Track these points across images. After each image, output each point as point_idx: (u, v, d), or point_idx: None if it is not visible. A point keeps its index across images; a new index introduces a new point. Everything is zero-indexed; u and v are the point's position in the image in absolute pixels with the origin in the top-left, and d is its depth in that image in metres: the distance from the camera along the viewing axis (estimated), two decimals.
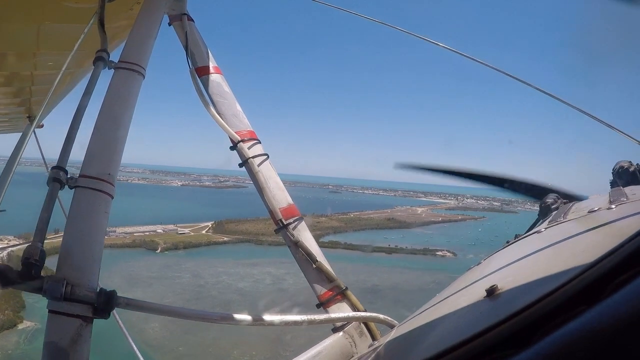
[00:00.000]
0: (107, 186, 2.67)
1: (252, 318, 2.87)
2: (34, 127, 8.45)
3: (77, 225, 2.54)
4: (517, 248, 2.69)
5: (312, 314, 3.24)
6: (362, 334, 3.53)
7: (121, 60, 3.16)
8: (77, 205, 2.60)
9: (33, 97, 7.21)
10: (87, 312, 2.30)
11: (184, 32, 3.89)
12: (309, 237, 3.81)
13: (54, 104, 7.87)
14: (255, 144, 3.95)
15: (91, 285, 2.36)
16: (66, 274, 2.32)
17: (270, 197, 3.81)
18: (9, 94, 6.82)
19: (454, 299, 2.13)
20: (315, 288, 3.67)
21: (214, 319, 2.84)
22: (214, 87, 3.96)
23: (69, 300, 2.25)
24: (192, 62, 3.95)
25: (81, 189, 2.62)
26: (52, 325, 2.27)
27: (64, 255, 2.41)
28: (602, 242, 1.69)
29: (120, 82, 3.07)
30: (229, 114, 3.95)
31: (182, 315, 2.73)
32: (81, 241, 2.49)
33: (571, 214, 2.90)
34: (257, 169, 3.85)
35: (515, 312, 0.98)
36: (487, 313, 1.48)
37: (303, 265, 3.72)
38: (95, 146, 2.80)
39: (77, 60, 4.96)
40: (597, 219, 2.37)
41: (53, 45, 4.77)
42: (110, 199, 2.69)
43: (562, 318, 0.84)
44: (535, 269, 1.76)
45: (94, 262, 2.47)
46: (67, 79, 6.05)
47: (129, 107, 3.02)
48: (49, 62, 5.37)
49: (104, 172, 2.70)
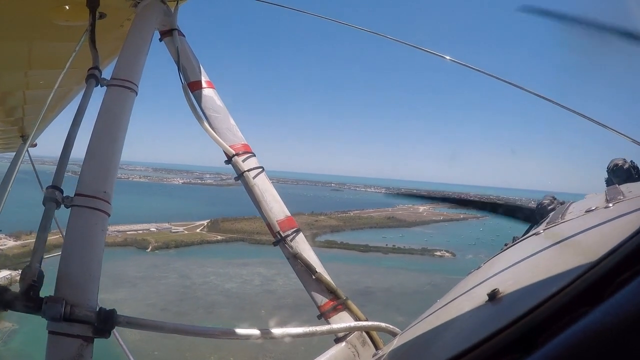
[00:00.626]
0: (103, 204, 2.66)
1: (254, 333, 2.86)
2: (28, 146, 8.41)
3: (75, 244, 2.53)
4: (516, 250, 2.69)
5: (314, 326, 3.22)
6: (365, 343, 3.51)
7: (113, 77, 3.17)
8: (74, 225, 2.59)
9: (26, 116, 7.18)
10: (87, 332, 2.29)
11: (175, 47, 3.89)
12: (308, 248, 3.80)
13: (47, 123, 7.84)
14: (250, 157, 3.95)
15: (90, 305, 2.35)
16: (65, 294, 2.30)
17: (267, 210, 3.81)
18: (2, 113, 6.79)
19: (455, 305, 2.12)
20: (315, 299, 3.65)
21: (215, 334, 2.82)
22: (207, 102, 3.96)
23: (69, 320, 2.23)
24: (185, 77, 3.96)
25: (77, 208, 2.61)
26: (52, 346, 2.25)
27: (63, 275, 2.39)
28: (601, 241, 1.69)
29: (112, 99, 3.07)
30: (222, 127, 3.94)
31: (184, 332, 2.71)
32: (79, 261, 2.47)
33: (569, 214, 2.90)
34: (252, 182, 3.84)
35: (519, 316, 0.97)
36: (490, 318, 1.47)
37: (302, 277, 3.70)
38: (90, 164, 2.80)
39: (70, 78, 4.95)
40: (595, 218, 2.37)
41: (45, 63, 4.76)
42: (107, 216, 2.69)
43: (566, 320, 0.84)
44: (535, 271, 1.75)
45: (93, 281, 2.45)
46: (60, 97, 6.04)
47: (122, 124, 3.02)
48: (41, 81, 5.36)
49: (100, 190, 2.69)
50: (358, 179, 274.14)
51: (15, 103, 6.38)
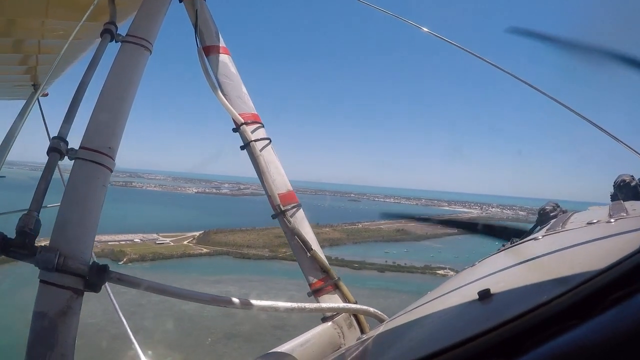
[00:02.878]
0: (107, 159, 2.66)
1: (243, 302, 2.89)
2: (38, 94, 8.40)
3: (74, 196, 2.53)
4: (512, 253, 2.69)
5: (303, 302, 3.26)
6: (351, 326, 3.55)
7: (129, 34, 3.13)
8: (76, 177, 2.59)
9: (39, 64, 7.16)
10: (78, 285, 2.31)
11: (195, 10, 3.85)
12: (306, 225, 3.84)
13: (60, 73, 7.82)
14: (259, 128, 3.94)
15: (84, 258, 2.36)
16: (60, 245, 2.31)
17: (270, 182, 3.81)
18: (15, 60, 6.78)
19: (445, 299, 2.13)
20: (307, 276, 3.69)
21: (205, 299, 2.84)
22: (220, 67, 3.93)
23: (61, 271, 2.25)
24: (201, 41, 3.92)
25: (80, 161, 2.60)
26: (42, 295, 2.27)
27: (59, 227, 2.41)
28: (599, 256, 1.69)
29: (126, 56, 3.04)
30: (233, 95, 3.93)
31: (173, 294, 2.75)
32: (77, 214, 2.48)
33: (570, 223, 2.90)
34: (258, 153, 3.84)
35: (509, 319, 0.97)
36: (478, 317, 1.48)
37: (298, 253, 3.74)
38: (98, 119, 2.78)
39: (85, 30, 4.91)
40: (595, 231, 2.37)
41: (62, 14, 4.72)
42: (110, 172, 2.68)
43: (554, 330, 0.84)
44: (529, 277, 1.75)
45: (89, 235, 2.47)
46: (74, 49, 6.00)
47: (133, 81, 2.99)
48: (57, 31, 5.33)
49: (105, 146, 2.68)
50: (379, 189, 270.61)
51: (30, 51, 6.35)
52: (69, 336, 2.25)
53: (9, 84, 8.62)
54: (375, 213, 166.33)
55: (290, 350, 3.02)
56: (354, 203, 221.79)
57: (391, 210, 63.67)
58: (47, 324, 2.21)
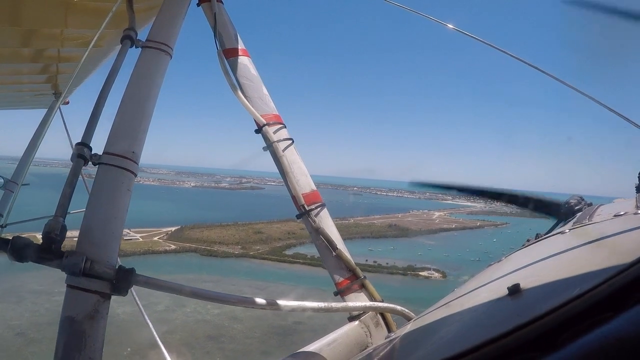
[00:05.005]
0: (130, 164, 2.69)
1: (271, 302, 2.89)
2: (60, 103, 8.56)
3: (99, 202, 2.56)
4: (539, 247, 2.65)
5: (330, 302, 3.25)
6: (378, 325, 3.55)
7: (149, 39, 3.16)
8: (100, 182, 2.62)
9: (60, 73, 7.29)
10: (105, 289, 2.33)
11: (213, 13, 3.88)
12: (331, 224, 3.85)
13: (80, 81, 7.96)
14: (281, 129, 3.95)
15: (110, 262, 2.39)
16: (86, 250, 2.34)
17: (293, 182, 3.82)
18: (37, 69, 6.92)
19: (473, 296, 2.10)
20: (333, 275, 3.70)
21: (232, 301, 2.85)
22: (241, 70, 3.96)
23: (88, 275, 2.27)
24: (220, 44, 3.95)
25: (105, 166, 2.63)
26: (70, 300, 2.30)
27: (85, 232, 2.44)
28: (630, 247, 1.66)
29: (147, 61, 3.07)
30: (255, 96, 3.95)
31: (201, 297, 2.75)
32: (102, 218, 2.51)
33: (596, 216, 2.85)
34: (281, 154, 3.85)
35: (541, 314, 0.95)
36: (509, 312, 1.45)
37: (323, 252, 3.76)
38: (120, 124, 2.82)
39: (105, 38, 4.99)
40: (624, 223, 2.33)
41: (81, 22, 4.80)
42: (134, 176, 2.71)
43: (588, 323, 0.82)
44: (559, 270, 1.72)
45: (114, 239, 2.49)
46: (94, 56, 6.10)
47: (155, 86, 3.02)
48: (77, 39, 5.42)
49: (128, 150, 2.71)
50: (383, 182, 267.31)
51: (50, 60, 6.48)
52: (97, 340, 2.27)
53: (31, 93, 8.80)
54: (372, 207, 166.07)
55: (318, 350, 3.03)
56: (355, 197, 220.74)
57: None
58: (75, 328, 2.23)
